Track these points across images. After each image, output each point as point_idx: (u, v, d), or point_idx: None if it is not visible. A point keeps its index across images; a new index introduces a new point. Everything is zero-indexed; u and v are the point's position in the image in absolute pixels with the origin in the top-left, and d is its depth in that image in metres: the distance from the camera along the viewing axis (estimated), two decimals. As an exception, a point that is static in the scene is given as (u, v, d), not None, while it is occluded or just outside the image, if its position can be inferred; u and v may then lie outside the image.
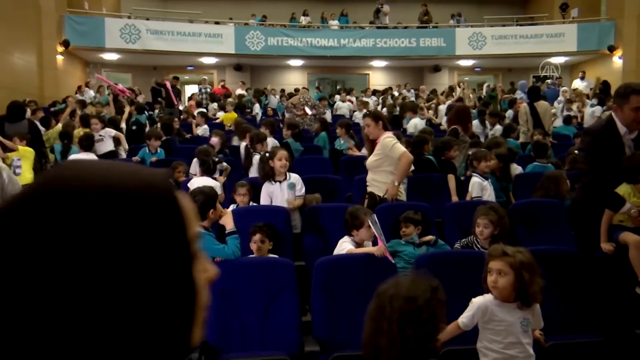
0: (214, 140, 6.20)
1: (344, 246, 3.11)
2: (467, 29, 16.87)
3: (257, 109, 12.25)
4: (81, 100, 10.12)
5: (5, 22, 10.88)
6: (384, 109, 12.13)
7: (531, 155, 5.91)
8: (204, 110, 11.03)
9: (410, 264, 3.08)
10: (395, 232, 3.56)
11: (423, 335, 1.54)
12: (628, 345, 2.73)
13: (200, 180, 4.53)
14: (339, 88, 17.56)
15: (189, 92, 16.70)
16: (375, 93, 14.97)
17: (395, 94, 14.66)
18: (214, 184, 4.37)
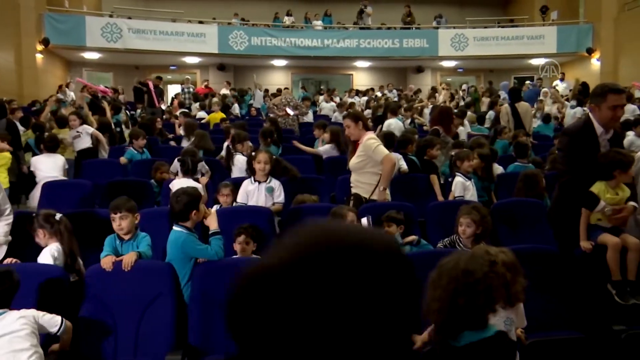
0: None
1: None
2: (450, 30, 17.03)
3: (237, 109, 12.19)
4: (62, 100, 9.96)
5: (-17, 20, 10.70)
6: (367, 110, 12.18)
7: (512, 156, 6.00)
8: (186, 110, 10.94)
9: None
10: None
11: (476, 307, 1.61)
12: (606, 341, 2.79)
13: (182, 182, 4.48)
14: (322, 88, 17.57)
15: (172, 92, 16.57)
16: (358, 93, 15.02)
17: (378, 94, 14.73)
18: (196, 185, 4.33)
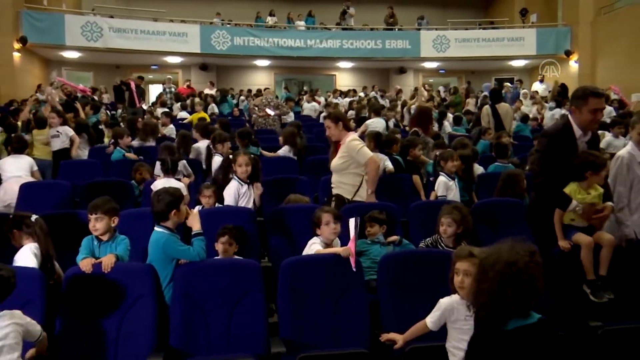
0: None
1: (314, 247, 3.11)
2: (432, 31, 17.17)
3: (215, 108, 12.11)
4: (41, 100, 9.78)
5: (-42, 17, 10.45)
6: (351, 110, 12.21)
7: (492, 156, 6.07)
8: (167, 110, 10.84)
9: (376, 263, 3.10)
10: (360, 232, 3.58)
11: (522, 295, 1.72)
12: (584, 338, 2.84)
13: (164, 182, 4.45)
14: (305, 89, 17.56)
15: (153, 92, 16.39)
16: (342, 94, 15.06)
17: (362, 95, 14.78)
18: (179, 185, 4.29)
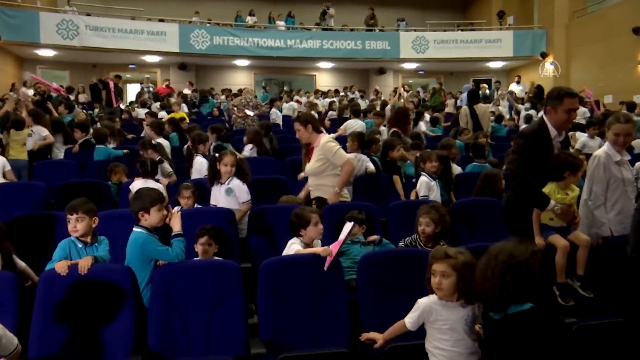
0: None
1: (293, 247, 3.09)
2: (411, 32, 17.31)
3: (184, 108, 11.98)
4: (17, 100, 9.55)
5: None
6: (331, 111, 12.23)
7: (470, 156, 6.15)
8: (148, 110, 10.71)
9: (357, 262, 3.11)
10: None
11: (520, 283, 2.01)
12: (559, 334, 2.90)
13: (142, 183, 4.40)
14: (285, 89, 17.52)
15: (131, 91, 16.16)
16: (322, 95, 15.07)
17: (342, 94, 14.82)
18: (157, 186, 4.24)
